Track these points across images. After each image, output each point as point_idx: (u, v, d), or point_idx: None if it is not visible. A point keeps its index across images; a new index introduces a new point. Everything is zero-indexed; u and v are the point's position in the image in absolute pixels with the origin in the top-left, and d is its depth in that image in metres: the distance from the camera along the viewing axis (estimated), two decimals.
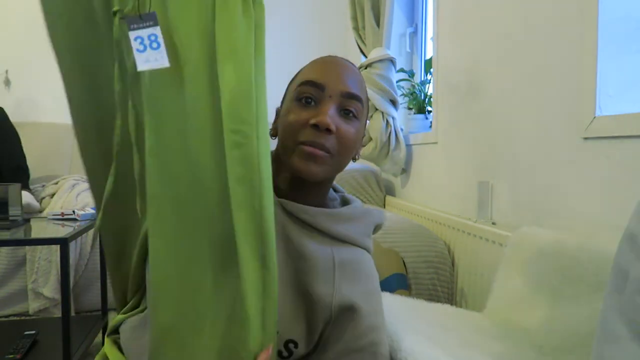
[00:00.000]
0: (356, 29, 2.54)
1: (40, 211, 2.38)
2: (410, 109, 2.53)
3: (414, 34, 2.69)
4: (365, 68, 2.35)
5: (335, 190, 0.91)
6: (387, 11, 2.29)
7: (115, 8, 0.67)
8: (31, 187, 2.62)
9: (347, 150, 0.78)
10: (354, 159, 0.83)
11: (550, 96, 1.28)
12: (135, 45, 0.64)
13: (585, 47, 1.14)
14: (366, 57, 2.41)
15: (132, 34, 0.64)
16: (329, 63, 0.81)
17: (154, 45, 0.64)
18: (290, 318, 0.75)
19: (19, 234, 1.59)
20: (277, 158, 0.81)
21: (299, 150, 0.75)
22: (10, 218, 1.68)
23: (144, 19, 0.64)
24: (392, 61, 2.33)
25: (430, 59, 2.26)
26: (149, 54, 0.63)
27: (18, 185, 1.74)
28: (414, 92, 2.49)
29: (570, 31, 1.20)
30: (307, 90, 0.77)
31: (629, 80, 1.11)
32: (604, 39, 1.09)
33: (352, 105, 0.78)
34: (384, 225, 0.90)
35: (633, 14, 1.10)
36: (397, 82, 2.39)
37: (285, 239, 0.77)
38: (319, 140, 0.74)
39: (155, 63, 0.63)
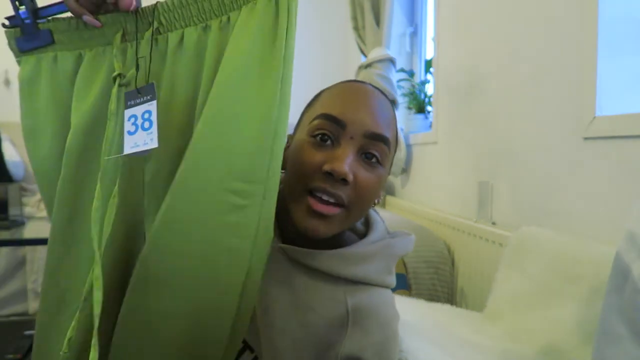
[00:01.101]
0: (356, 28, 2.54)
1: None
2: (410, 109, 2.53)
3: (414, 34, 2.69)
4: (365, 68, 2.35)
5: None
6: (387, 11, 2.29)
7: (117, 72, 0.61)
8: (30, 187, 2.63)
9: (365, 202, 0.66)
10: (374, 204, 0.70)
11: (550, 96, 1.28)
12: (127, 126, 0.59)
13: (585, 47, 1.14)
14: (366, 57, 2.41)
15: (128, 112, 0.60)
16: (354, 94, 0.68)
17: (146, 125, 0.59)
18: None
19: (18, 234, 1.59)
20: (284, 198, 0.69)
21: (306, 203, 0.64)
22: (10, 218, 1.68)
23: (142, 92, 0.60)
24: (392, 61, 2.33)
25: (430, 59, 2.26)
26: (139, 136, 0.58)
27: (17, 185, 1.74)
28: (414, 92, 2.48)
29: (570, 31, 1.20)
30: (324, 126, 0.65)
31: (629, 80, 1.11)
32: (604, 39, 1.09)
33: (376, 148, 0.65)
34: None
35: (633, 14, 1.10)
36: (397, 82, 2.39)
37: (291, 290, 0.69)
38: (332, 190, 0.63)
39: (144, 146, 0.58)
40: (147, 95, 0.60)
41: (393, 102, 2.31)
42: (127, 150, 0.58)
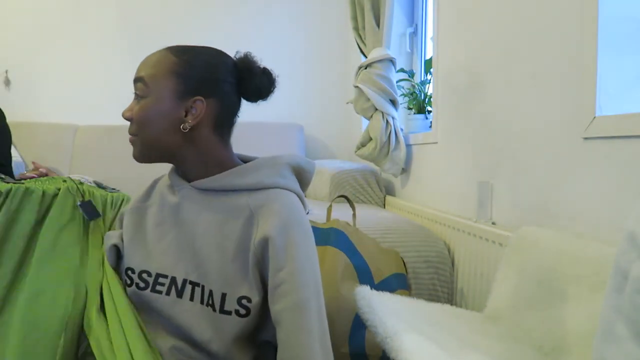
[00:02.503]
0: (356, 29, 2.54)
1: None
2: (410, 109, 2.53)
3: (414, 34, 2.69)
4: (365, 68, 2.35)
5: (245, 160, 0.96)
6: (387, 11, 2.29)
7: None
8: None
9: (143, 126, 0.86)
10: (184, 128, 0.86)
11: (550, 96, 1.28)
12: None
13: (585, 47, 1.14)
14: (366, 57, 2.41)
15: None
16: None
17: None
18: (232, 277, 0.83)
19: None
20: None
21: None
22: None
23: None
24: (392, 61, 2.33)
25: (430, 59, 2.26)
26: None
27: None
28: (414, 92, 2.48)
29: (570, 31, 1.20)
30: None
31: (629, 80, 1.11)
32: (604, 39, 1.09)
33: (136, 89, 0.87)
34: (314, 170, 0.97)
35: (633, 14, 1.10)
36: (397, 82, 2.38)
37: (207, 213, 0.87)
38: (129, 130, 0.89)
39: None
40: None
41: (393, 102, 2.31)
42: None
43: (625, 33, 1.09)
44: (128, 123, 0.89)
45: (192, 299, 0.85)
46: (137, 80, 0.87)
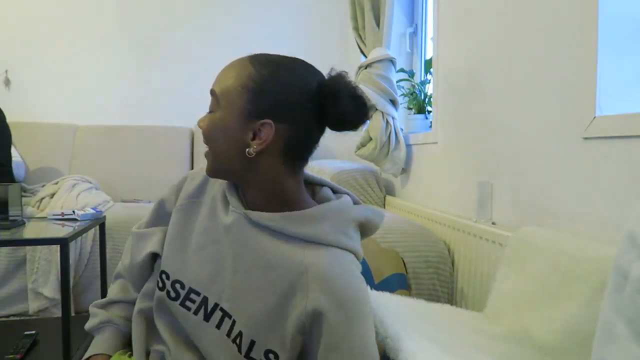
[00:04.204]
0: (356, 29, 2.54)
1: None
2: (410, 109, 2.53)
3: (414, 34, 2.69)
4: (365, 68, 2.35)
5: (335, 191, 0.87)
6: (387, 11, 2.29)
7: None
8: (31, 187, 2.62)
9: (210, 139, 0.81)
10: (249, 154, 0.76)
11: (550, 96, 1.28)
12: None
13: (585, 47, 1.14)
14: (366, 57, 2.41)
15: None
16: None
17: None
18: (266, 327, 0.75)
19: (19, 234, 1.59)
20: None
21: None
22: (10, 218, 1.68)
23: None
24: (392, 61, 2.33)
25: (430, 59, 2.26)
26: None
27: (18, 185, 1.74)
28: (414, 92, 2.48)
29: (570, 31, 1.20)
30: None
31: (629, 80, 1.11)
32: (604, 39, 1.09)
33: (211, 101, 0.82)
34: (382, 223, 0.86)
35: (633, 14, 1.10)
36: (397, 82, 2.39)
37: (253, 250, 0.78)
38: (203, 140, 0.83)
39: None
40: None
41: (393, 102, 2.31)
42: None
43: (625, 33, 1.10)
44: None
45: (219, 327, 0.79)
46: (211, 93, 0.81)
